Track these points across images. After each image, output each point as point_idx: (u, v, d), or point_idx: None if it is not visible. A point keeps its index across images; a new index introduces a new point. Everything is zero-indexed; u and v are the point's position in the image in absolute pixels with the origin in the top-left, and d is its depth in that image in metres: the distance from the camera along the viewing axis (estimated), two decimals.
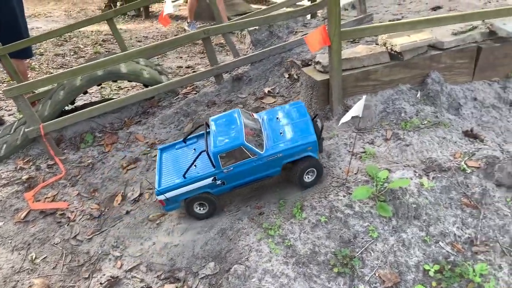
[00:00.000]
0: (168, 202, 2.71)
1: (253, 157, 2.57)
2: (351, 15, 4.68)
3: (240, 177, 2.67)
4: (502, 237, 2.54)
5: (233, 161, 2.57)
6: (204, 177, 2.63)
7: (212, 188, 2.70)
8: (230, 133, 2.58)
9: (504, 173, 2.69)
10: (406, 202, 2.60)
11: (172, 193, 2.66)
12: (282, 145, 2.61)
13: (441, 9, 4.16)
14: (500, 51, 3.41)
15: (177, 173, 2.73)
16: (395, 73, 3.24)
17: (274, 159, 2.62)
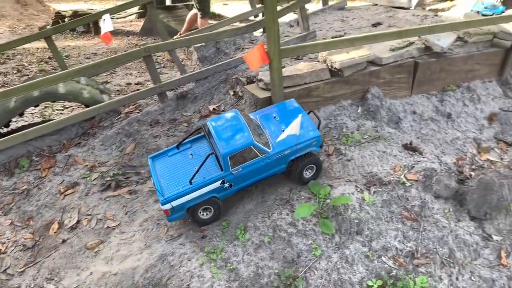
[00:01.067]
0: (173, 211, 2.54)
1: (261, 155, 2.54)
2: (296, 31, 4.73)
3: (248, 178, 2.62)
4: (441, 248, 2.58)
5: (242, 162, 2.51)
6: (213, 181, 2.52)
7: (219, 192, 2.59)
8: (235, 133, 2.51)
9: (441, 185, 2.76)
10: (348, 218, 2.60)
11: (178, 201, 2.50)
12: (288, 142, 2.59)
13: (381, 25, 4.28)
14: (436, 66, 3.54)
15: (179, 180, 2.57)
16: (336, 89, 3.28)
17: (281, 157, 2.61)
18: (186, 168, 2.63)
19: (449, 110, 3.59)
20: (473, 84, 3.77)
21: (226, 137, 2.50)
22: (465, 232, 2.67)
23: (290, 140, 2.57)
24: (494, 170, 2.79)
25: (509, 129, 3.57)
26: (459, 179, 2.88)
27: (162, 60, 7.16)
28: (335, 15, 4.93)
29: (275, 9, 2.76)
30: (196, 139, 2.83)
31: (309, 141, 2.65)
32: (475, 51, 3.69)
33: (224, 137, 2.51)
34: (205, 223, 2.69)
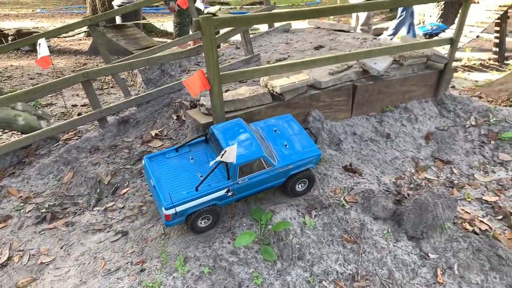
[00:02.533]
0: (175, 217, 2.45)
1: (267, 168, 2.56)
2: (242, 53, 4.76)
3: (250, 188, 2.63)
4: (380, 269, 2.62)
5: (249, 173, 2.51)
6: (219, 189, 2.49)
7: (220, 200, 2.55)
8: (244, 143, 2.51)
9: (379, 207, 2.81)
10: (290, 243, 2.59)
11: (182, 206, 2.42)
12: (293, 157, 2.65)
13: (323, 48, 4.39)
14: (374, 88, 3.65)
15: (183, 185, 2.50)
16: (278, 113, 3.30)
17: (284, 171, 2.65)
18: (188, 172, 2.58)
19: (388, 130, 3.71)
20: (411, 105, 3.92)
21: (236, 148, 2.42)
22: (403, 252, 2.73)
23: (294, 155, 2.67)
24: (428, 190, 2.89)
25: (444, 147, 3.73)
26: (396, 200, 2.96)
27: (111, 79, 6.98)
28: (280, 38, 5.01)
29: (213, 35, 2.75)
30: (194, 143, 2.78)
31: (311, 158, 2.75)
32: (411, 73, 3.85)
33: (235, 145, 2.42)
34: (202, 231, 2.65)
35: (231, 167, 2.45)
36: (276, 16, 3.26)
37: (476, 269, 2.71)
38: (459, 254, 2.77)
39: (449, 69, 3.94)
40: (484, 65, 8.60)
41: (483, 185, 3.46)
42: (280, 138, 2.81)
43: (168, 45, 4.81)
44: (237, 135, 2.59)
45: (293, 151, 2.73)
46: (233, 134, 2.61)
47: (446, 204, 2.84)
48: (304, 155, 2.71)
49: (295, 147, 2.77)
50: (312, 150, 2.77)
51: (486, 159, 3.68)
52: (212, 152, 2.67)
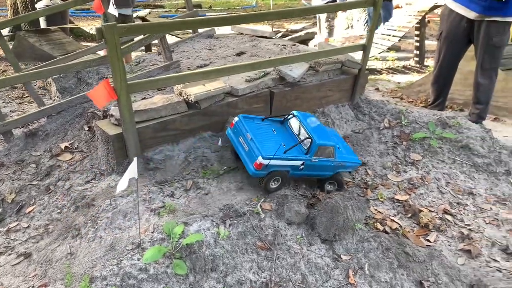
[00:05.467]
0: (264, 168, 2.82)
1: (332, 157, 3.05)
2: None
3: (313, 170, 3.06)
4: (294, 274, 2.65)
5: (320, 155, 2.99)
6: (298, 159, 2.94)
7: (293, 169, 2.98)
8: (322, 132, 3.06)
9: (292, 212, 2.85)
10: (203, 255, 2.55)
11: (273, 161, 2.82)
12: (345, 157, 3.18)
13: (244, 54, 4.41)
14: (291, 94, 3.72)
15: (270, 146, 2.91)
16: (195, 122, 3.25)
17: (337, 165, 3.12)
18: (273, 139, 3.03)
19: None
20: (328, 109, 4.04)
21: (317, 131, 3.02)
22: (316, 256, 2.79)
23: (345, 156, 3.19)
24: (339, 193, 2.97)
25: (360, 149, 3.88)
26: (310, 204, 3.02)
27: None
28: (203, 43, 4.97)
29: (117, 44, 2.65)
30: (274, 120, 3.26)
31: (354, 164, 3.29)
32: (327, 79, 3.97)
33: (315, 131, 3.02)
34: (271, 191, 3.02)
35: (313, 144, 2.94)
36: (186, 23, 3.21)
37: (385, 267, 2.82)
38: (369, 254, 2.87)
39: (363, 74, 4.10)
40: (406, 67, 9.11)
41: (395, 185, 3.63)
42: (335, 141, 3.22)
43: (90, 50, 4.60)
44: (317, 126, 3.11)
45: (344, 154, 3.23)
46: (313, 124, 3.11)
47: (356, 206, 2.94)
48: (351, 159, 3.22)
49: (345, 151, 3.29)
50: (355, 158, 3.32)
51: (399, 159, 3.87)
52: (287, 132, 3.18)
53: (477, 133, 3.99)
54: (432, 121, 4.09)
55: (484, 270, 2.93)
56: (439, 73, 5.39)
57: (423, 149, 3.92)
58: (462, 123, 4.07)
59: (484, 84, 5.08)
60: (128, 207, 2.81)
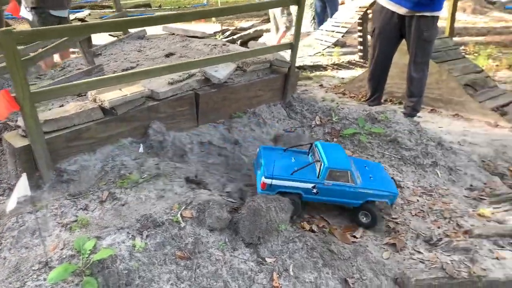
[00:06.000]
0: (268, 187, 3.01)
1: (350, 183, 3.03)
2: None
3: (331, 195, 3.08)
4: (215, 282, 2.59)
5: (335, 179, 3.02)
6: (307, 181, 3.02)
7: (306, 192, 3.06)
8: (338, 157, 3.10)
9: (214, 218, 2.79)
10: (116, 270, 2.44)
11: (276, 181, 2.99)
12: (373, 184, 3.12)
13: (174, 55, 4.30)
14: (219, 95, 3.65)
15: (282, 170, 3.06)
16: (112, 128, 3.12)
17: (362, 192, 3.08)
18: (288, 164, 3.16)
19: (236, 136, 3.74)
20: (259, 109, 4.01)
21: (331, 156, 3.08)
22: (240, 261, 2.74)
23: (375, 184, 3.14)
24: (261, 196, 2.93)
25: None
26: (234, 208, 2.96)
27: None
28: (133, 45, 4.82)
29: (15, 51, 2.49)
30: (298, 152, 3.39)
31: (388, 193, 3.14)
32: (256, 79, 3.93)
33: (329, 155, 3.08)
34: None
35: (323, 167, 3.00)
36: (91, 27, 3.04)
37: (310, 267, 2.81)
38: (294, 254, 2.85)
39: (293, 72, 4.10)
40: (351, 62, 9.27)
41: None
42: (367, 172, 3.28)
43: None
44: (334, 152, 3.17)
45: (375, 182, 3.17)
46: (331, 150, 3.17)
47: (279, 207, 2.92)
48: (383, 187, 3.14)
49: (378, 180, 3.21)
50: (391, 187, 3.21)
51: None
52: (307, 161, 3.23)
53: (405, 126, 4.08)
54: (362, 116, 4.15)
55: (408, 263, 2.98)
56: (375, 68, 5.51)
57: (353, 145, 3.97)
58: (391, 117, 4.15)
59: (417, 77, 5.23)
60: (36, 223, 2.64)
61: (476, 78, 6.52)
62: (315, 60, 9.74)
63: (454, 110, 6.38)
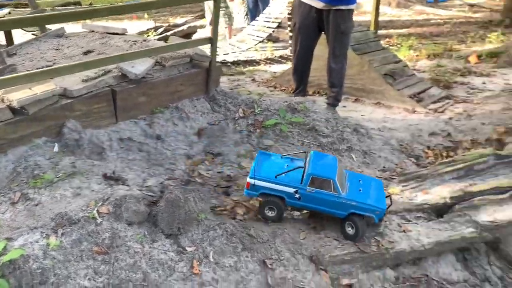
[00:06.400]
0: (251, 187, 3.11)
1: (334, 192, 3.02)
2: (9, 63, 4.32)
3: (314, 202, 3.09)
4: (134, 274, 2.65)
5: (318, 187, 3.03)
6: (289, 185, 3.07)
7: (288, 197, 3.10)
8: (326, 167, 3.14)
9: (130, 212, 2.85)
10: (29, 270, 2.43)
11: (258, 182, 3.08)
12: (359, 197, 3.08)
13: (92, 52, 4.27)
14: (138, 91, 3.69)
15: (268, 172, 3.14)
16: (23, 129, 3.08)
17: (346, 204, 3.05)
18: (277, 168, 3.20)
19: (158, 131, 3.80)
20: (182, 104, 4.09)
21: (318, 164, 3.14)
22: (159, 252, 2.82)
23: (361, 197, 3.10)
24: (179, 187, 3.03)
25: (214, 141, 3.99)
26: (153, 201, 3.03)
27: None
28: (51, 44, 4.71)
29: None
30: (294, 159, 3.41)
31: (374, 208, 3.07)
32: (177, 74, 4.01)
33: (317, 164, 3.14)
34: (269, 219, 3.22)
35: (306, 174, 3.05)
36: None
37: (230, 252, 2.95)
38: (214, 241, 2.97)
39: (215, 66, 4.22)
40: (283, 57, 9.57)
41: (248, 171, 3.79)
42: (360, 185, 3.25)
43: None
44: (324, 162, 3.25)
45: (363, 196, 3.12)
46: (322, 160, 3.25)
47: (198, 197, 3.04)
48: (369, 202, 3.08)
49: (366, 195, 3.16)
50: (379, 203, 3.13)
51: (253, 146, 4.06)
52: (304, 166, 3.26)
53: (322, 115, 4.35)
54: (283, 107, 4.36)
55: (323, 242, 3.20)
56: (297, 62, 5.75)
57: (275, 135, 4.16)
58: (309, 107, 4.39)
59: (336, 69, 5.53)
60: None
61: (395, 68, 7.02)
62: (249, 55, 9.94)
63: (376, 99, 6.82)
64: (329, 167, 3.19)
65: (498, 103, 6.20)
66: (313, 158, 3.25)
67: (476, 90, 7.16)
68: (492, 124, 5.74)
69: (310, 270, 3.00)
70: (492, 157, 4.08)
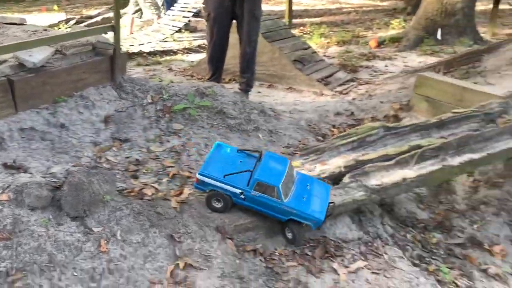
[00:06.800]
0: (200, 183, 3.29)
1: (276, 199, 3.13)
2: None
3: (258, 204, 3.22)
4: (39, 256, 2.73)
5: (262, 192, 3.15)
6: (236, 187, 3.21)
7: (235, 196, 3.25)
8: (274, 172, 3.23)
9: (32, 197, 2.91)
10: None
11: (206, 179, 3.24)
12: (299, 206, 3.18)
13: None
14: (37, 80, 3.69)
15: (218, 170, 3.25)
16: None
17: (287, 210, 3.18)
18: (228, 166, 3.31)
19: (63, 120, 3.83)
20: (87, 92, 4.13)
21: (267, 169, 3.24)
22: (65, 234, 2.91)
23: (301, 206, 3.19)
24: (82, 170, 3.13)
25: (122, 127, 4.10)
26: (55, 187, 3.10)
27: None
28: None
29: None
30: (250, 156, 3.49)
31: (311, 218, 3.18)
32: (79, 62, 4.04)
33: (265, 168, 3.25)
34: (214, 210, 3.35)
35: (252, 178, 3.17)
36: None
37: (137, 229, 3.11)
38: (122, 221, 3.12)
39: (119, 54, 4.30)
40: (201, 46, 9.72)
41: (159, 155, 3.96)
42: (305, 192, 3.33)
43: None
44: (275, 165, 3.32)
45: (304, 204, 3.21)
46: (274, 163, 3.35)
47: (103, 180, 3.15)
48: (307, 211, 3.18)
49: (308, 204, 3.24)
50: (317, 212, 3.22)
51: (162, 131, 4.23)
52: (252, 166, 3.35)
53: (230, 98, 4.61)
54: (191, 92, 4.56)
55: (230, 214, 3.46)
56: (212, 51, 5.99)
57: (184, 119, 4.35)
58: (217, 91, 4.64)
59: (250, 53, 5.87)
60: None
61: (304, 54, 7.49)
62: (167, 45, 9.98)
63: (288, 84, 7.26)
64: (276, 172, 3.28)
65: (396, 83, 6.90)
66: (264, 160, 3.37)
67: (379, 72, 7.88)
68: (390, 102, 6.41)
69: (217, 240, 3.25)
70: (382, 129, 4.61)
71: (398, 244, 4.05)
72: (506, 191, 4.83)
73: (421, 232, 4.39)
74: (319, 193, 3.42)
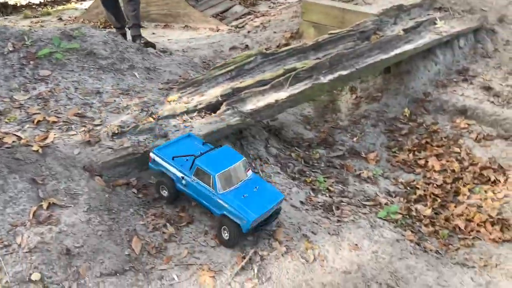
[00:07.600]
0: (152, 163, 3.37)
1: (211, 189, 3.12)
2: None
3: (195, 192, 3.23)
4: None
5: (200, 179, 3.16)
6: (179, 170, 3.25)
7: (177, 181, 3.28)
8: (219, 162, 3.21)
9: None
10: None
11: (157, 159, 3.32)
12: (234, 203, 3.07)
13: None
14: None
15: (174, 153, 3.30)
16: None
17: (220, 204, 3.12)
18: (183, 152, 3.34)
19: None
20: None
21: (213, 158, 3.24)
22: None
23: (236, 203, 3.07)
24: None
25: None
26: None
27: None
28: None
29: None
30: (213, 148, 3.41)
31: (242, 217, 3.03)
32: None
33: (212, 157, 3.25)
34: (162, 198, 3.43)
35: (194, 163, 3.17)
36: None
37: None
38: None
39: None
40: None
41: (23, 103, 3.87)
42: (250, 191, 3.22)
43: None
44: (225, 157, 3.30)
45: (241, 202, 3.09)
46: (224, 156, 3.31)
47: None
48: (241, 210, 3.04)
49: (246, 203, 3.10)
50: (250, 215, 3.03)
51: (28, 79, 4.10)
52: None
53: (100, 39, 4.53)
54: (57, 36, 4.41)
55: (97, 152, 3.52)
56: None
57: (51, 64, 4.24)
58: (85, 32, 4.52)
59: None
60: None
61: None
62: None
63: (184, 22, 7.18)
64: (219, 163, 3.23)
65: (289, 13, 7.03)
66: (215, 151, 3.34)
67: (277, 3, 7.95)
68: (282, 32, 6.56)
69: (84, 178, 3.32)
70: (259, 56, 4.76)
71: (280, 163, 4.35)
72: (384, 103, 5.25)
73: (306, 150, 4.73)
74: (264, 197, 3.25)
